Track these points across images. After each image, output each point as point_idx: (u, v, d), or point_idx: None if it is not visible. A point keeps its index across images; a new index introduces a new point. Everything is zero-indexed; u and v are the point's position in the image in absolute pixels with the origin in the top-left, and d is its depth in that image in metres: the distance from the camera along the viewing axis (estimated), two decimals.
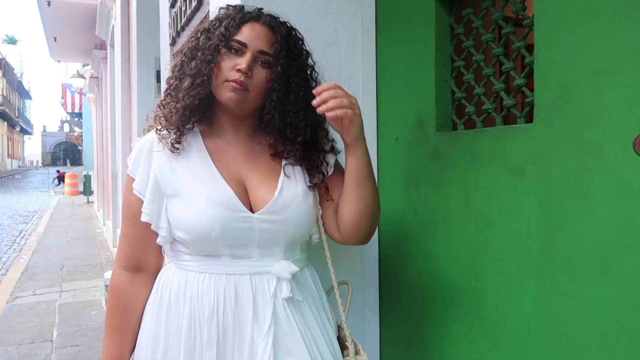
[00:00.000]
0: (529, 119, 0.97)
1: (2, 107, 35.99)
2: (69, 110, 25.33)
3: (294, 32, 1.02)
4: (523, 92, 1.01)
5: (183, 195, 0.95)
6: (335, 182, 1.04)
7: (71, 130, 50.94)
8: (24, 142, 59.18)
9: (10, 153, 45.71)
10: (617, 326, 0.79)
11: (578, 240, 0.84)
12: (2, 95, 36.91)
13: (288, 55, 0.98)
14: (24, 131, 53.22)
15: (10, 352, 3.43)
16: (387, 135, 1.37)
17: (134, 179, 0.98)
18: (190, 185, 0.95)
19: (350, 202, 0.99)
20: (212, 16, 1.05)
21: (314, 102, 0.92)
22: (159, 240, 0.98)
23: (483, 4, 1.11)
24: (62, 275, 5.67)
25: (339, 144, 1.05)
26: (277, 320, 0.95)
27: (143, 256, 1.02)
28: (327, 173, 1.04)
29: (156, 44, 3.49)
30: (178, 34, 2.06)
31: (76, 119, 27.50)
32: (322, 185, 1.03)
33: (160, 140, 0.98)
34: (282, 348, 0.95)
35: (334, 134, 1.04)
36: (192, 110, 0.96)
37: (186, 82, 0.95)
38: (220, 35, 0.95)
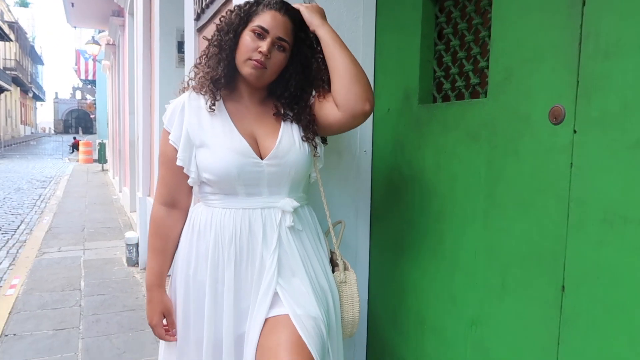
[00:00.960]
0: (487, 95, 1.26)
1: (16, 73, 36.64)
2: (83, 77, 25.79)
3: (308, 31, 1.30)
4: (485, 73, 1.30)
5: (209, 146, 1.26)
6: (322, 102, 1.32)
7: (83, 97, 51.64)
8: (36, 108, 60.17)
9: (23, 119, 46.64)
10: (530, 250, 1.09)
11: (510, 187, 1.14)
12: (15, 60, 37.53)
13: (303, 40, 1.28)
14: (36, 97, 54.09)
15: (44, 297, 3.88)
16: (381, 107, 1.67)
17: (169, 133, 1.30)
18: (214, 137, 1.26)
19: (334, 73, 1.26)
20: None
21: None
22: (189, 181, 1.30)
23: None
24: (84, 236, 6.12)
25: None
26: (281, 244, 1.27)
27: (176, 195, 1.34)
28: (317, 133, 1.33)
29: (177, 16, 3.78)
30: (203, 10, 2.35)
31: (89, 86, 27.95)
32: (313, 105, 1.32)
33: (206, 102, 1.28)
34: (285, 266, 1.27)
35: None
36: (225, 80, 1.27)
37: (223, 55, 1.25)
38: (245, 20, 1.25)
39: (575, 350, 1.01)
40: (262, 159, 1.27)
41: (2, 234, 6.50)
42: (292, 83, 1.30)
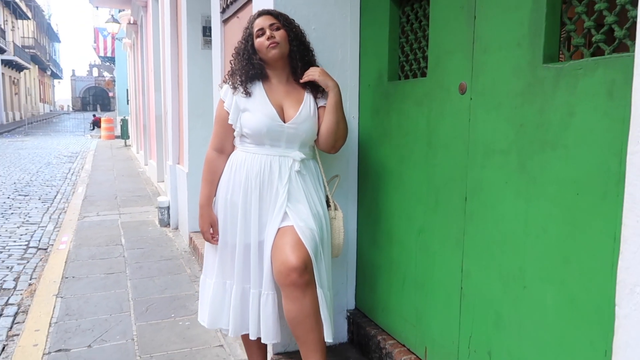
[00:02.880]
0: None
1: (34, 51, 37.68)
2: (102, 54, 26.69)
3: (287, 16, 1.96)
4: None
5: (250, 111, 1.90)
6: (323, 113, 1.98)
7: (100, 74, 52.73)
8: (54, 86, 61.60)
9: (42, 97, 47.96)
10: (449, 176, 1.72)
11: (439, 136, 1.77)
12: (33, 38, 38.50)
13: (289, 21, 1.93)
14: (54, 75, 55.40)
15: (92, 250, 4.64)
16: (364, 83, 2.29)
17: (224, 102, 1.95)
18: (253, 106, 1.91)
19: (325, 122, 1.94)
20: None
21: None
22: (235, 133, 1.95)
23: (415, 5, 1.99)
24: (117, 203, 6.89)
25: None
26: (290, 181, 1.92)
27: (224, 143, 2.00)
28: (324, 103, 1.95)
29: (202, 3, 4.40)
30: (227, 6, 2.98)
31: (107, 63, 28.82)
32: (319, 110, 1.97)
33: (235, 91, 1.94)
34: (293, 195, 1.92)
35: None
36: (251, 76, 1.92)
37: (244, 62, 1.91)
38: (250, 36, 1.93)
39: (473, 236, 1.65)
40: (284, 122, 1.91)
41: (42, 202, 7.31)
42: (297, 53, 1.94)
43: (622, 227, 0.77)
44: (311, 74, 1.93)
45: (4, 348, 2.90)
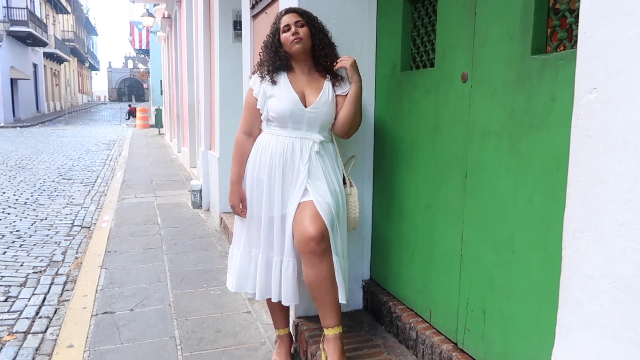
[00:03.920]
0: None
1: (73, 44, 38.77)
2: (137, 47, 27.35)
3: (310, 14, 2.15)
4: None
5: (275, 97, 2.10)
6: (343, 101, 2.17)
7: (135, 66, 53.83)
8: (91, 77, 63.20)
9: (80, 88, 49.34)
10: (452, 155, 1.89)
11: (444, 121, 1.94)
12: (73, 31, 39.57)
13: (312, 18, 2.12)
14: (91, 67, 56.82)
15: (131, 228, 4.95)
16: (380, 74, 2.46)
17: (252, 90, 2.16)
18: (279, 92, 2.10)
19: (343, 111, 2.13)
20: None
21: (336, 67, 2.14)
22: (262, 117, 2.16)
23: (425, 2, 2.15)
24: (153, 186, 7.23)
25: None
26: (310, 160, 2.12)
27: (252, 127, 2.21)
28: (342, 92, 2.14)
29: None
30: (257, 2, 3.17)
31: (142, 55, 29.49)
32: (337, 97, 2.16)
33: (262, 79, 2.14)
34: (312, 173, 2.12)
35: None
36: (278, 67, 2.12)
37: (272, 54, 2.11)
38: (277, 31, 2.12)
39: (471, 209, 1.82)
40: (306, 107, 2.11)
41: (84, 186, 7.70)
42: (319, 46, 2.13)
43: (567, 185, 0.94)
44: (344, 61, 2.12)
45: (56, 311, 3.20)
